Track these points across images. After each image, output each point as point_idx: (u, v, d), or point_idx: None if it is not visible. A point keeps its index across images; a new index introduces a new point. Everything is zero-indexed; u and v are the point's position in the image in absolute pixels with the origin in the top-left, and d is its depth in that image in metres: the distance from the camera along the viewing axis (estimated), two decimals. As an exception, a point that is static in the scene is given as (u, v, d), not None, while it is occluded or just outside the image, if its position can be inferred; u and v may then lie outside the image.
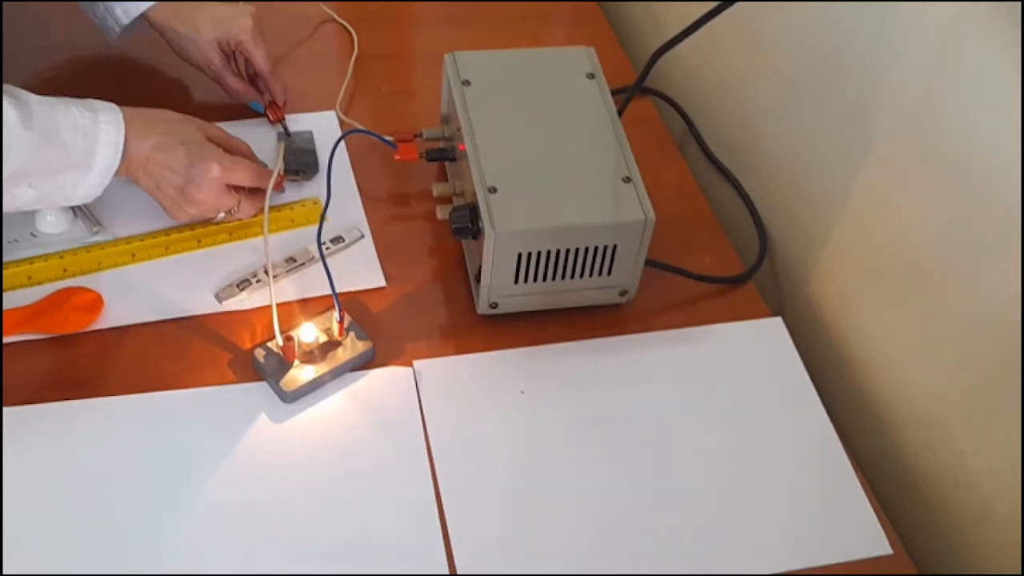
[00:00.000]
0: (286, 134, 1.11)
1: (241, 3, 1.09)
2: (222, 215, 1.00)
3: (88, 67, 1.18)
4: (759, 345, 0.99)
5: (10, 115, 0.83)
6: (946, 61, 0.84)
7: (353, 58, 1.22)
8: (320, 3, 1.28)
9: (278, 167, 1.02)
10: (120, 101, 0.93)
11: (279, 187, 1.03)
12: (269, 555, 0.81)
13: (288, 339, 0.90)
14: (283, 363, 0.90)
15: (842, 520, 0.88)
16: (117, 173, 0.91)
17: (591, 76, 1.03)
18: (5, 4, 1.14)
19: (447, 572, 0.81)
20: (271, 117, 1.11)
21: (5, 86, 0.85)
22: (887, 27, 0.90)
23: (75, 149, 0.88)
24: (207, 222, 1.01)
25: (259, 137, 1.08)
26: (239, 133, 1.03)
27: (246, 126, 1.10)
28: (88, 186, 0.91)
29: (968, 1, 0.80)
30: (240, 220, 1.01)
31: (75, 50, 1.19)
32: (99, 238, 0.99)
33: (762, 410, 0.94)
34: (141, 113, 0.93)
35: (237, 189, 0.98)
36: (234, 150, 1.00)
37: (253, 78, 1.12)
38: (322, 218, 0.95)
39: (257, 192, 1.00)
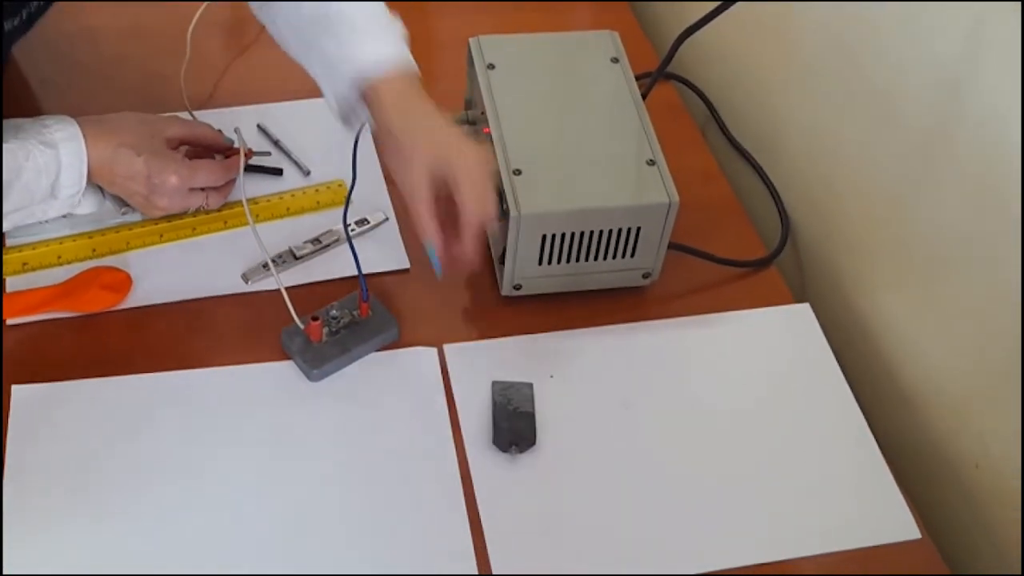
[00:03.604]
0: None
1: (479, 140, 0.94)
2: (192, 209, 1.00)
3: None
4: (788, 331, 1.00)
5: None
6: (972, 48, 0.84)
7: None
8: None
9: (240, 160, 1.01)
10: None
11: (249, 155, 1.03)
12: (292, 536, 0.82)
13: (314, 319, 0.90)
14: (309, 342, 0.91)
15: (871, 505, 0.88)
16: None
17: (615, 60, 1.04)
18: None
19: (472, 551, 0.82)
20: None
21: None
22: (913, 13, 0.90)
23: (39, 189, 0.89)
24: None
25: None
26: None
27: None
28: (57, 210, 0.93)
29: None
30: (212, 212, 1.01)
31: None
32: (127, 219, 1.00)
33: (791, 396, 0.94)
34: (97, 124, 0.93)
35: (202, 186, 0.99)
36: (199, 139, 1.00)
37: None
38: (348, 200, 0.96)
39: (223, 185, 1.01)
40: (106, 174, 0.93)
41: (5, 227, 0.91)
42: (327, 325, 0.91)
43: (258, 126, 1.10)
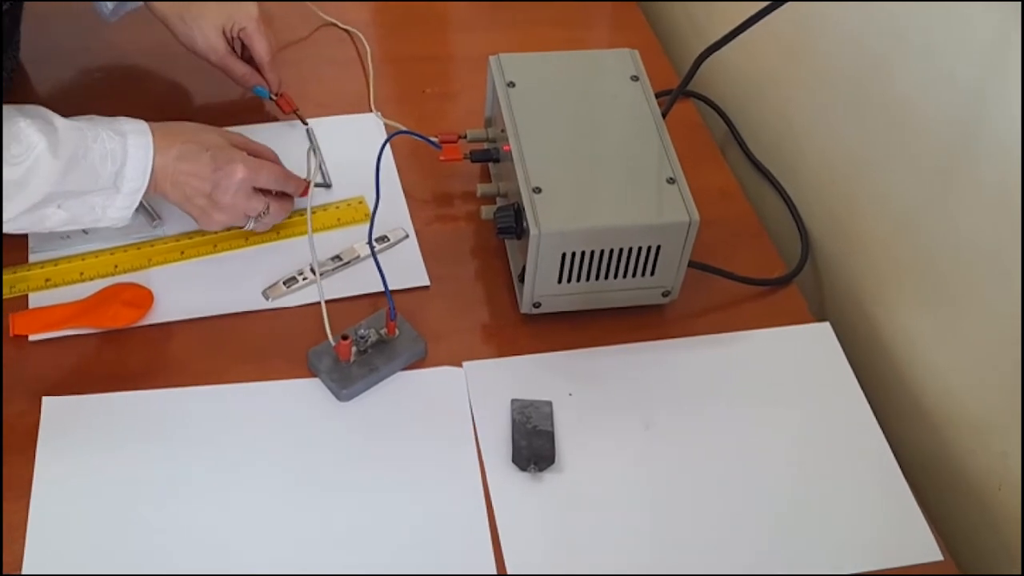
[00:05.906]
0: (303, 123, 1.14)
1: None
2: (252, 223, 1.00)
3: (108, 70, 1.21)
4: (808, 350, 0.99)
5: (40, 143, 0.85)
6: (993, 63, 0.84)
7: (370, 59, 1.24)
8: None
9: (311, 175, 1.03)
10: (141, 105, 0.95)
11: (304, 194, 1.03)
12: (316, 552, 0.82)
13: (344, 337, 0.90)
14: (338, 362, 0.91)
15: (892, 526, 0.87)
16: (146, 191, 0.93)
17: (635, 78, 1.04)
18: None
19: (493, 569, 0.82)
20: (284, 108, 1.14)
21: (37, 108, 0.88)
22: (934, 28, 0.90)
23: (104, 174, 0.89)
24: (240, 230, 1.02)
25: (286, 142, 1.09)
26: (266, 137, 1.05)
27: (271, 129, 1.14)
28: (118, 208, 0.92)
29: (1017, 1, 0.80)
30: (269, 227, 1.02)
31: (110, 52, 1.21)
32: (155, 233, 1.01)
33: (811, 415, 0.94)
34: (163, 127, 0.94)
35: (265, 193, 0.99)
36: (258, 154, 1.01)
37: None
38: (372, 218, 0.95)
39: (285, 197, 1.01)
40: (170, 173, 0.93)
41: (62, 220, 0.90)
42: (355, 344, 0.91)
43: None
